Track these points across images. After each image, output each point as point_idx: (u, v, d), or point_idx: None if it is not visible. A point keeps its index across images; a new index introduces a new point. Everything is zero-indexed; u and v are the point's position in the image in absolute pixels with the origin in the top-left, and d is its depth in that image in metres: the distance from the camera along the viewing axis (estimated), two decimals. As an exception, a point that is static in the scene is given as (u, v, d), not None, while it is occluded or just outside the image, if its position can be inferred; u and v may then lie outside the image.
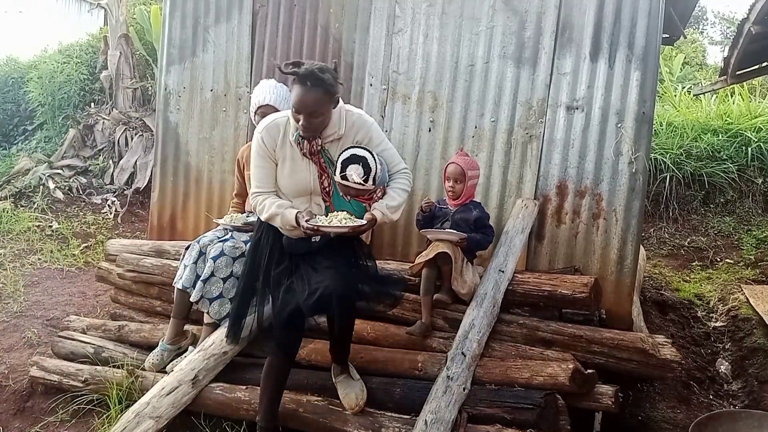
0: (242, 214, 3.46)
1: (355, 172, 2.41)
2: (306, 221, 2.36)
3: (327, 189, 2.52)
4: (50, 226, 5.87)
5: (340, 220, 2.41)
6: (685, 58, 10.78)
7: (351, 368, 2.79)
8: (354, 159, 2.42)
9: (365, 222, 2.42)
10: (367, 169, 2.42)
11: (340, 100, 2.49)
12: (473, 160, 3.15)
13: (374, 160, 2.45)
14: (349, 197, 2.51)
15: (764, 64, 5.49)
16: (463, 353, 2.68)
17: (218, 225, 3.40)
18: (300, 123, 2.37)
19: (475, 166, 3.13)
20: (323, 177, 2.50)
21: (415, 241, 3.54)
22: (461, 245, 2.99)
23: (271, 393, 2.57)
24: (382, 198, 2.53)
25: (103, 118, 7.50)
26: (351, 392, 2.64)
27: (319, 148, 2.46)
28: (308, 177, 2.50)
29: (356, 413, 2.58)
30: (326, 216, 2.48)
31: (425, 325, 2.92)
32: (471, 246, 3.05)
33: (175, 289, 3.15)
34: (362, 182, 2.42)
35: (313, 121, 2.36)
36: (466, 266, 3.03)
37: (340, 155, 2.45)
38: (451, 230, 2.98)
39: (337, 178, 2.45)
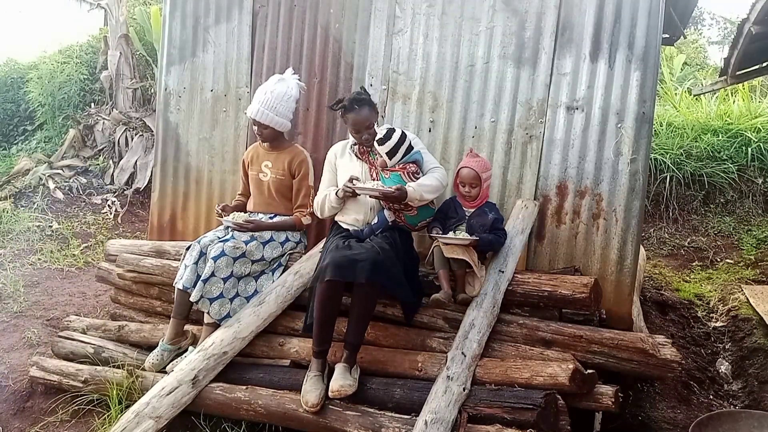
0: (245, 213, 3.49)
1: (380, 131, 3.05)
2: (346, 183, 3.02)
3: (374, 179, 3.12)
4: (50, 226, 5.87)
5: (373, 185, 3.01)
6: (685, 58, 10.78)
7: (355, 367, 2.80)
8: (386, 129, 3.06)
9: (393, 189, 2.90)
10: (388, 134, 3.01)
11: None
12: (485, 160, 3.15)
13: (400, 135, 3.02)
14: (382, 167, 3.06)
15: (764, 64, 5.49)
16: (463, 353, 2.68)
17: (219, 225, 3.43)
18: (362, 138, 3.11)
19: (488, 166, 3.14)
20: (372, 170, 3.14)
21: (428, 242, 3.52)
22: (473, 245, 2.98)
23: (320, 318, 2.78)
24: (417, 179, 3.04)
25: (103, 119, 7.50)
26: (340, 379, 2.68)
27: (368, 149, 3.16)
28: (360, 173, 3.15)
29: (334, 397, 2.65)
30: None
31: (448, 294, 2.92)
32: (483, 248, 3.03)
33: (176, 289, 3.15)
34: (378, 143, 3.00)
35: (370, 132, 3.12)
36: (480, 267, 3.02)
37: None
38: (462, 236, 2.95)
39: (375, 144, 3.06)
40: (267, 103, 3.30)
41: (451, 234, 2.97)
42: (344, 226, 3.21)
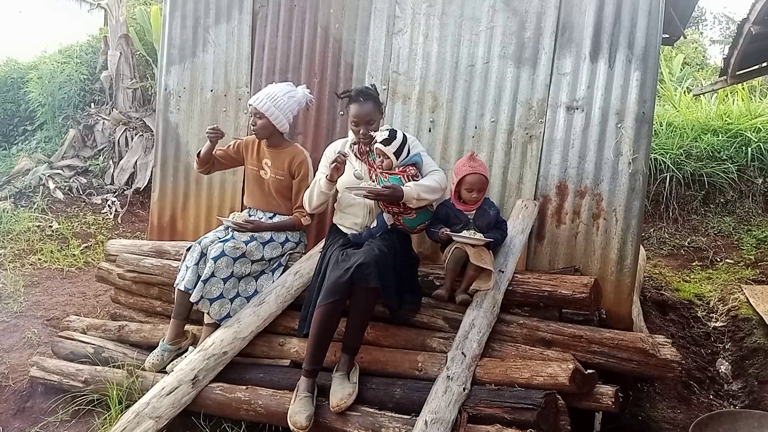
0: (244, 212, 3.49)
1: (380, 134, 3.01)
2: (330, 166, 2.97)
3: (374, 180, 3.05)
4: (50, 226, 5.88)
5: (366, 185, 2.96)
6: (685, 58, 10.78)
7: (354, 370, 2.80)
8: (388, 130, 3.03)
9: (382, 187, 2.89)
10: (392, 134, 2.99)
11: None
12: (484, 162, 3.13)
13: (402, 135, 3.01)
14: (382, 169, 3.01)
15: (764, 64, 5.49)
16: (463, 353, 2.68)
17: (219, 225, 3.43)
18: (361, 132, 3.08)
19: (487, 168, 3.14)
20: (371, 171, 3.09)
21: (427, 243, 3.52)
22: (486, 245, 2.97)
23: (316, 339, 2.73)
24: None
25: (103, 118, 7.50)
26: (339, 392, 2.66)
27: (367, 148, 3.12)
28: (359, 173, 3.09)
29: (336, 413, 2.62)
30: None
31: (448, 292, 2.96)
32: (493, 247, 3.04)
33: (176, 289, 3.15)
34: (384, 143, 2.97)
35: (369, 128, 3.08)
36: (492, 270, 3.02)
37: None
38: (478, 237, 2.94)
39: (376, 143, 3.03)
40: (269, 95, 3.31)
41: (465, 233, 2.96)
42: (343, 229, 3.20)
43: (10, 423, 3.11)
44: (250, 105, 3.34)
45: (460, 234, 2.95)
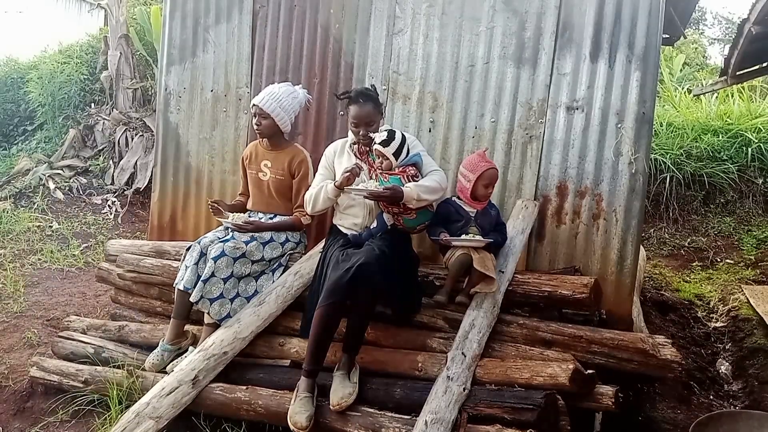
0: (244, 213, 3.49)
1: (379, 135, 2.99)
2: (344, 175, 2.97)
3: (374, 181, 3.04)
4: (50, 227, 5.88)
5: (366, 186, 2.97)
6: (685, 58, 10.78)
7: (354, 369, 2.80)
8: (387, 131, 3.01)
9: (382, 188, 2.88)
10: (390, 135, 2.97)
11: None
12: None
13: (401, 136, 2.99)
14: (382, 170, 2.99)
15: (765, 64, 5.49)
16: (463, 353, 2.68)
17: (219, 225, 3.43)
18: (360, 134, 3.05)
19: None
20: (371, 172, 3.08)
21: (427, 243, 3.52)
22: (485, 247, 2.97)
23: (316, 339, 2.72)
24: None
25: (104, 119, 7.50)
26: (340, 391, 2.66)
27: (367, 149, 3.09)
28: (359, 174, 3.06)
29: (336, 411, 2.62)
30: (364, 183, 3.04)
31: (448, 292, 2.95)
32: (494, 249, 3.03)
33: (176, 289, 3.15)
34: (382, 144, 2.95)
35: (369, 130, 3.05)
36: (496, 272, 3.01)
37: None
38: (477, 238, 2.93)
39: (375, 144, 3.01)
40: (273, 95, 3.32)
41: (465, 236, 2.94)
42: (342, 230, 3.19)
43: (10, 423, 3.11)
44: (254, 105, 3.34)
45: (459, 238, 2.93)
